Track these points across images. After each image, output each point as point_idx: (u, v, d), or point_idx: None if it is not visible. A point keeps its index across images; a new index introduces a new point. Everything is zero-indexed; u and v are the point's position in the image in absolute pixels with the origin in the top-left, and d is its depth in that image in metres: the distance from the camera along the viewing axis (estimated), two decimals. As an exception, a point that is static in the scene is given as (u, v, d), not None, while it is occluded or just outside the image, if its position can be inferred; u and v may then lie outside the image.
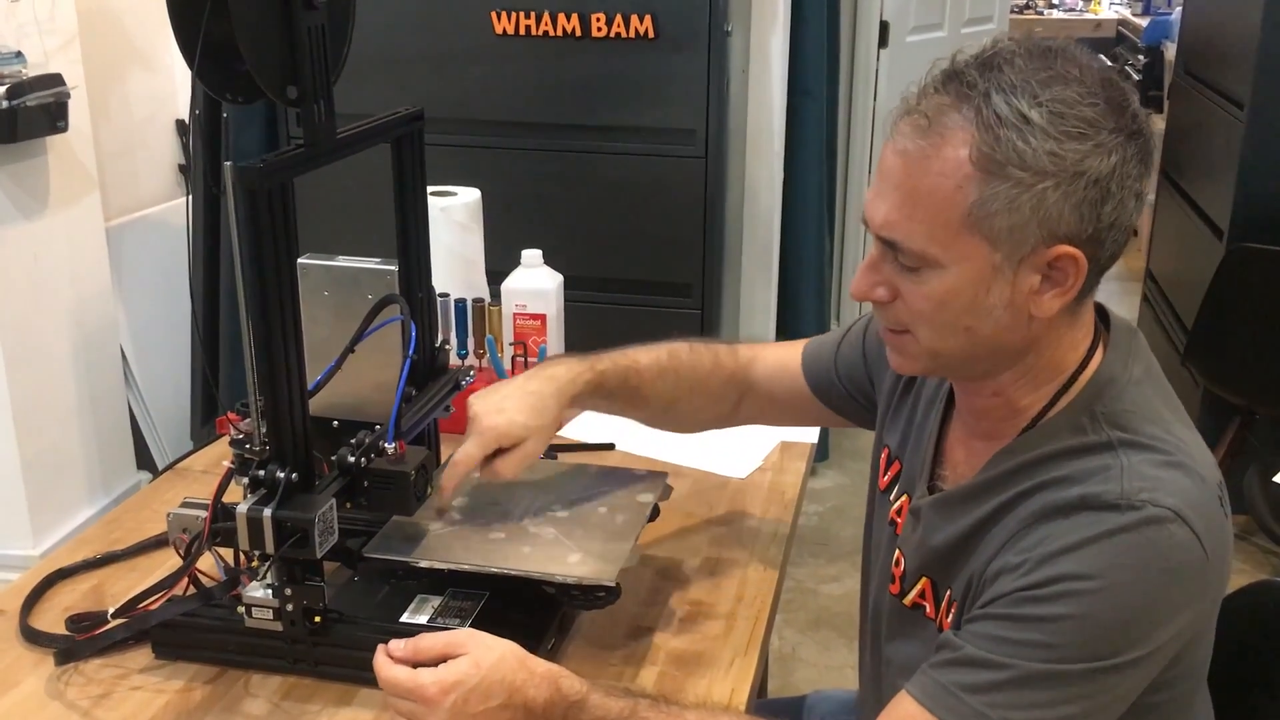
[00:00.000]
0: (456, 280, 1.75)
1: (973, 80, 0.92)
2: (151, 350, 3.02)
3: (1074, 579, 0.91)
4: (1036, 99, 0.90)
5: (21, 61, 2.37)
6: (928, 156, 0.93)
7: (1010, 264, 0.94)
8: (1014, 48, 0.94)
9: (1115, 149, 0.91)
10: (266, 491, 1.08)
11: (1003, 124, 0.90)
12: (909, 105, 0.96)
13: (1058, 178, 0.91)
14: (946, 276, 0.95)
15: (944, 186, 0.92)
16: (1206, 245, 3.12)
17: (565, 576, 1.15)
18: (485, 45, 2.64)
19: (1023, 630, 0.92)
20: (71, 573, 1.32)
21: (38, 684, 1.14)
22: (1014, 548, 0.96)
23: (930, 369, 1.07)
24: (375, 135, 1.23)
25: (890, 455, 1.21)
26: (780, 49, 2.89)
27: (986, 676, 0.92)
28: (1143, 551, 0.91)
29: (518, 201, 2.62)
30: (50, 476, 2.60)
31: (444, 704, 0.97)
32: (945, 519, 1.06)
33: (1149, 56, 5.70)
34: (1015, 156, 0.90)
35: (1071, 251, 0.93)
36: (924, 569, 1.09)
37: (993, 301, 0.96)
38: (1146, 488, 0.92)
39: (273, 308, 1.05)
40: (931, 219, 0.94)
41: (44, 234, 2.52)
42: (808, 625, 2.71)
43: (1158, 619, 0.92)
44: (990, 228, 0.92)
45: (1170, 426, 0.99)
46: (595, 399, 1.30)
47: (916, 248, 0.95)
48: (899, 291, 0.99)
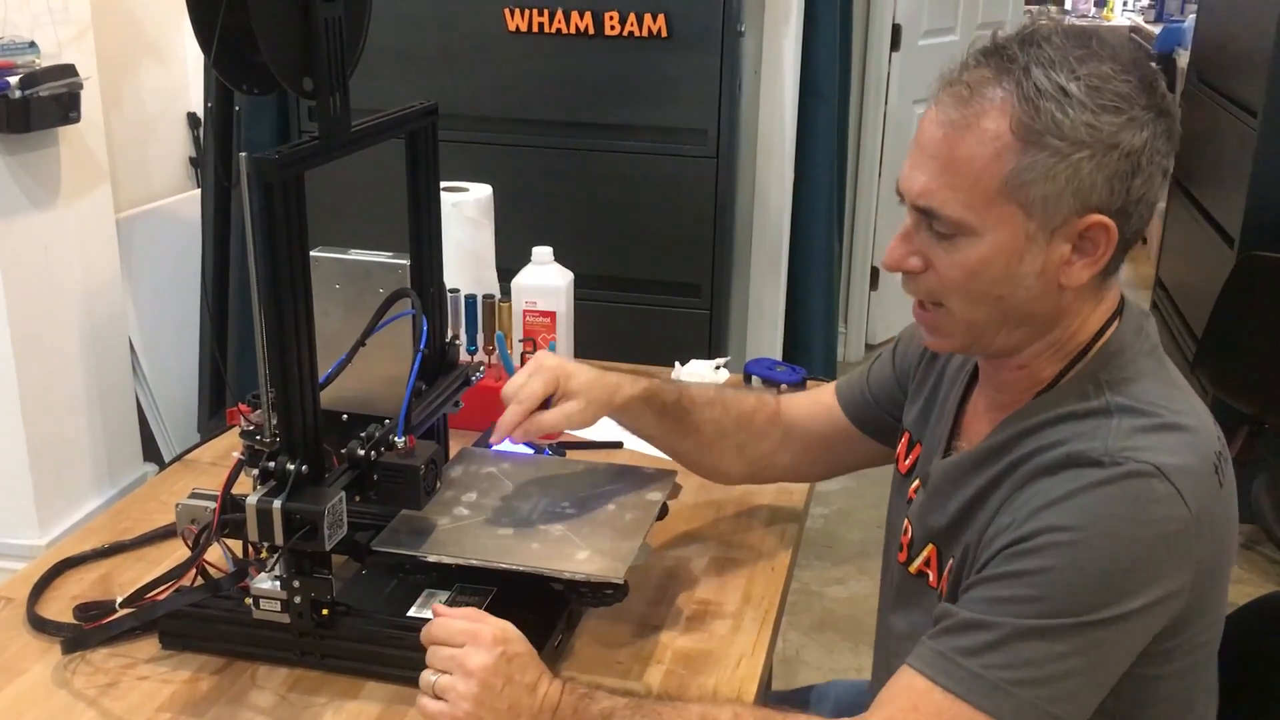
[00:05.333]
0: (467, 276, 1.75)
1: (1013, 54, 0.96)
2: (160, 342, 3.02)
3: (1056, 530, 0.93)
4: (1074, 73, 0.94)
5: (35, 51, 2.37)
6: (969, 125, 0.96)
7: (1044, 233, 0.97)
8: (1052, 26, 0.97)
9: (1147, 124, 0.95)
10: (276, 483, 1.08)
11: (1042, 95, 0.94)
12: (951, 77, 0.99)
13: (1093, 148, 0.94)
14: (981, 244, 0.98)
15: (983, 154, 0.96)
16: (1217, 253, 3.11)
17: (573, 573, 1.15)
18: (498, 42, 2.64)
19: (1010, 586, 0.95)
20: (79, 562, 1.32)
21: (44, 672, 1.14)
22: (1007, 509, 0.99)
23: (965, 344, 1.08)
24: (390, 129, 1.23)
25: (911, 439, 1.23)
26: (792, 50, 2.89)
27: (980, 638, 0.94)
28: (1123, 504, 0.93)
29: (529, 198, 2.62)
30: (57, 467, 2.60)
31: (494, 650, 1.00)
32: (954, 485, 1.08)
33: (1161, 64, 5.68)
34: (1054, 127, 0.94)
35: (1104, 220, 0.96)
36: (930, 536, 1.12)
37: (1025, 270, 0.98)
38: (1130, 446, 0.95)
39: (285, 300, 1.05)
40: (969, 186, 0.97)
41: (55, 224, 2.53)
42: (812, 628, 2.71)
43: (1142, 573, 0.93)
44: (1026, 196, 0.95)
45: (1172, 395, 1.01)
46: (647, 411, 1.31)
47: (953, 215, 0.98)
48: (931, 262, 1.02)
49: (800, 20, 2.89)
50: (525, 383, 1.23)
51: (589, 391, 1.25)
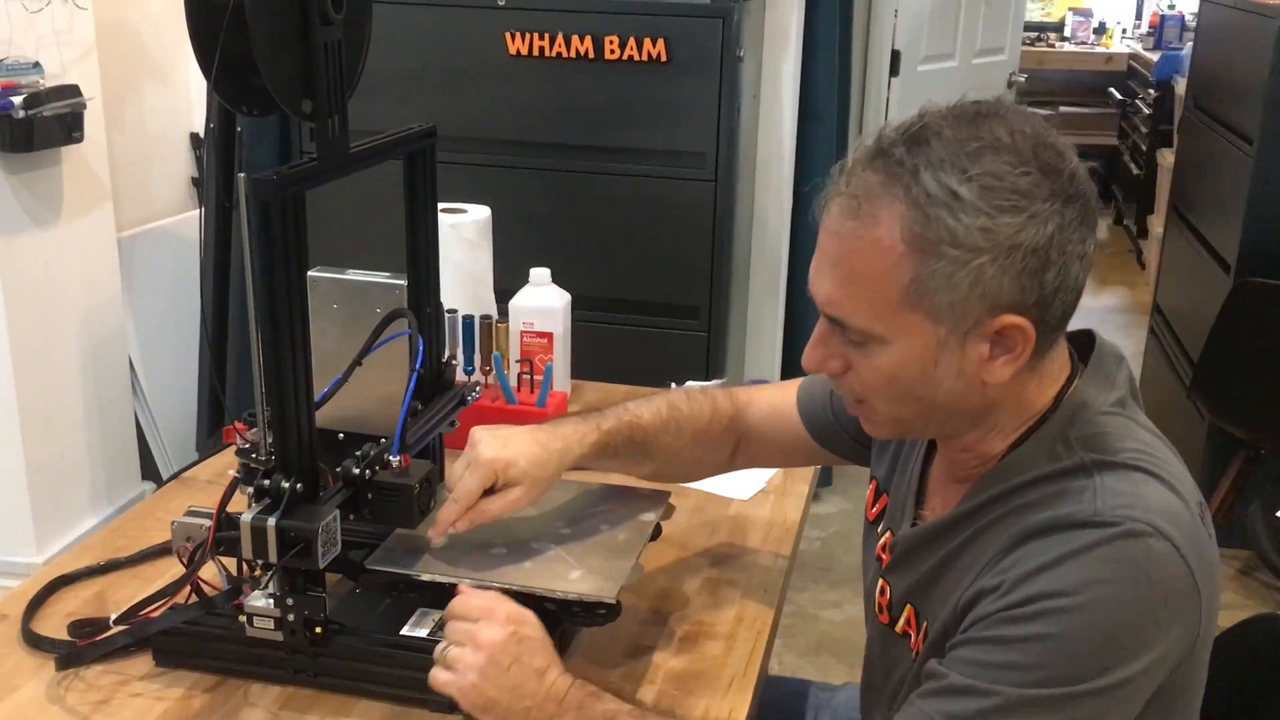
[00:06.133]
0: (465, 297, 1.76)
1: (900, 157, 0.91)
2: (159, 361, 3.03)
3: (1051, 596, 0.90)
4: (966, 173, 0.89)
5: (39, 72, 2.39)
6: (860, 237, 0.93)
7: (955, 337, 0.93)
8: (942, 119, 0.92)
9: (1051, 216, 0.90)
10: (271, 501, 1.08)
11: (933, 202, 0.89)
12: (839, 186, 0.95)
13: (993, 252, 0.89)
14: (893, 352, 0.95)
15: (879, 266, 0.92)
16: (1214, 279, 3.12)
17: (566, 593, 1.15)
18: (499, 65, 2.67)
19: (1003, 652, 0.91)
20: (75, 579, 1.32)
21: (39, 689, 1.14)
22: (991, 571, 0.95)
23: (898, 433, 1.09)
24: (388, 151, 1.24)
25: (878, 488, 1.22)
26: (791, 75, 2.91)
27: (971, 705, 0.91)
28: (1121, 566, 0.89)
29: (527, 220, 2.64)
30: (55, 484, 2.60)
31: (505, 628, 1.02)
32: (925, 550, 1.06)
33: (1159, 91, 5.71)
34: (947, 234, 0.89)
35: (1016, 321, 0.92)
36: (907, 596, 1.10)
37: (942, 373, 0.95)
38: (1122, 504, 0.91)
39: (281, 319, 1.06)
40: (871, 298, 0.94)
41: (56, 243, 2.54)
42: (808, 650, 2.71)
43: (1142, 637, 0.90)
44: (930, 304, 0.92)
45: (1148, 445, 0.98)
46: (601, 459, 1.26)
47: (860, 325, 0.95)
48: (850, 363, 0.99)
49: (799, 45, 2.91)
50: (461, 478, 1.17)
51: (532, 472, 1.19)
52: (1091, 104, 6.96)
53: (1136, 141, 6.25)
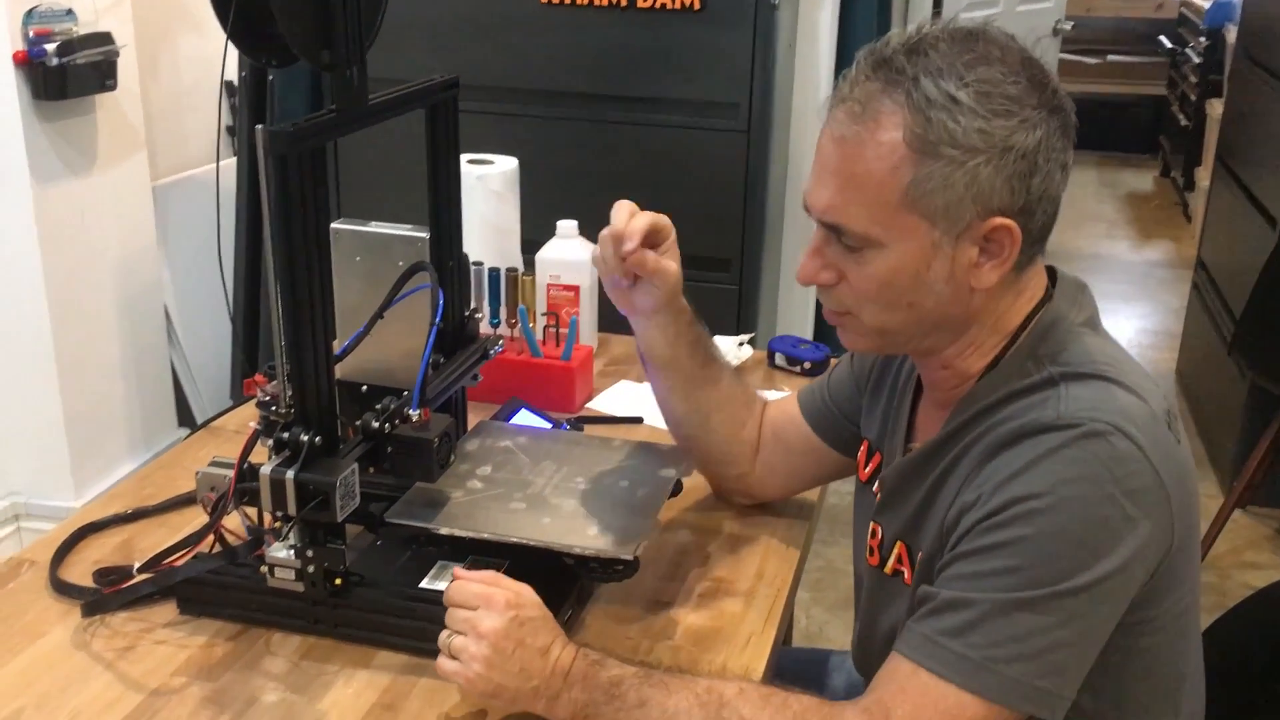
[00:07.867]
0: (491, 249, 1.75)
1: (901, 66, 0.97)
2: (195, 309, 3.06)
3: (1024, 500, 0.95)
4: (963, 80, 0.95)
5: (72, 19, 2.39)
6: (863, 141, 0.98)
7: (949, 239, 0.99)
8: (938, 33, 0.99)
9: (1039, 123, 0.97)
10: (290, 454, 1.09)
11: (932, 105, 0.95)
12: (842, 93, 1.00)
13: (988, 153, 0.96)
14: (889, 256, 1.00)
15: (880, 169, 0.97)
16: (1259, 235, 3.05)
17: (584, 548, 1.15)
18: (529, 13, 2.63)
19: (986, 560, 0.96)
20: (102, 527, 1.34)
21: (65, 634, 1.16)
22: (969, 487, 1.01)
23: (878, 346, 1.11)
24: (409, 102, 1.23)
25: (870, 448, 1.25)
26: (829, 24, 2.85)
27: (962, 617, 0.95)
28: (1086, 464, 0.94)
29: (555, 172, 2.62)
30: (93, 431, 2.64)
31: (505, 614, 1.02)
32: (912, 481, 1.10)
33: (1210, 39, 5.56)
34: (947, 136, 0.95)
35: (1006, 223, 0.98)
36: (898, 534, 1.13)
37: (934, 277, 1.00)
38: (1084, 408, 0.97)
39: (300, 272, 1.06)
40: (871, 201, 0.98)
41: (91, 192, 2.56)
42: (837, 604, 2.71)
43: (1114, 531, 0.94)
44: (928, 206, 0.97)
45: (1114, 358, 1.02)
46: (691, 330, 1.30)
47: (859, 229, 1.00)
48: (844, 274, 1.04)
49: (837, -8, 2.85)
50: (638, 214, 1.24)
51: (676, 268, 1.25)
52: (1140, 52, 6.79)
53: (1186, 91, 6.10)
